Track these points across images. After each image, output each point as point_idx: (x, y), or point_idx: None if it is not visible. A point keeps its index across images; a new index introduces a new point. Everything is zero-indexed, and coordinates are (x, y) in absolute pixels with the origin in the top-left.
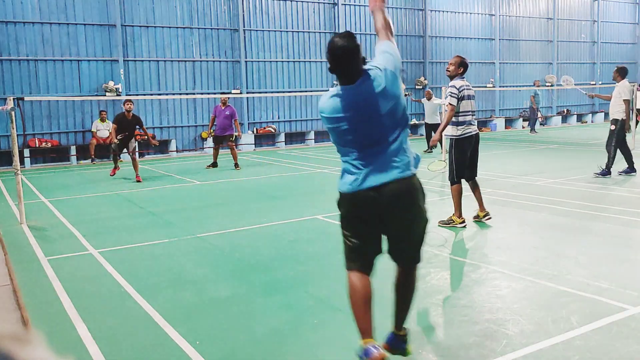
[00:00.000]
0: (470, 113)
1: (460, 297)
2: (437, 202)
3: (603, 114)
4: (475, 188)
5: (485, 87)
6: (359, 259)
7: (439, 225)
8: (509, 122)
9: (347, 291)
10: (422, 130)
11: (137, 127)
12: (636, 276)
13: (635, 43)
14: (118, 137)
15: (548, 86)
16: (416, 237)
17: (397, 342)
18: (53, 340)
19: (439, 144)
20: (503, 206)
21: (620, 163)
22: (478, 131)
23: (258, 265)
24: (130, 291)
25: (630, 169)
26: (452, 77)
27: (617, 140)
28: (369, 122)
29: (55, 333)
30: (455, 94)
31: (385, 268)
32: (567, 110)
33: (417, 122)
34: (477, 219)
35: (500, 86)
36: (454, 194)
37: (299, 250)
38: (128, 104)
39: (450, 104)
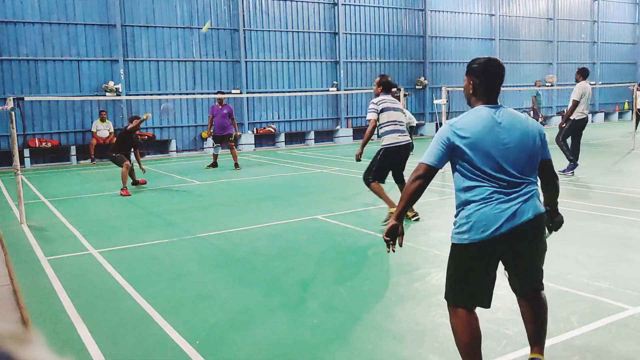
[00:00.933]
0: (393, 123)
1: None
2: (438, 202)
3: (603, 114)
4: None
5: None
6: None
7: (382, 225)
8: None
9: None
10: (423, 131)
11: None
12: (636, 276)
13: (635, 43)
14: (116, 150)
15: (548, 86)
16: None
17: None
18: (53, 340)
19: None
20: None
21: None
22: (410, 141)
23: (258, 265)
24: (130, 291)
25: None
26: (377, 96)
27: (572, 136)
28: None
29: (55, 333)
30: (374, 109)
31: None
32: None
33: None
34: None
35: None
36: (376, 191)
37: (299, 250)
38: (136, 121)
39: (369, 119)
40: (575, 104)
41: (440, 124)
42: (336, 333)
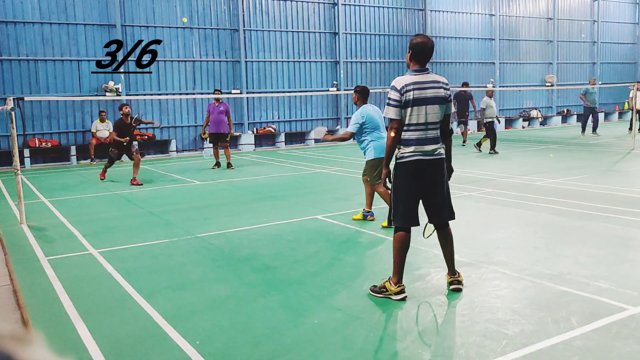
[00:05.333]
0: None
1: (460, 297)
2: None
3: (603, 114)
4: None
5: (485, 87)
6: None
7: None
8: (508, 122)
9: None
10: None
11: (138, 127)
12: (636, 276)
13: (635, 43)
14: (117, 145)
15: (548, 86)
16: None
17: None
18: (53, 340)
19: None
20: (503, 206)
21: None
22: None
23: (258, 265)
24: (130, 291)
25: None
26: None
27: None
28: None
29: (55, 333)
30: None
31: None
32: (567, 110)
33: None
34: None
35: (500, 86)
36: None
37: (299, 250)
38: (125, 108)
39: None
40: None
41: None
42: (336, 333)
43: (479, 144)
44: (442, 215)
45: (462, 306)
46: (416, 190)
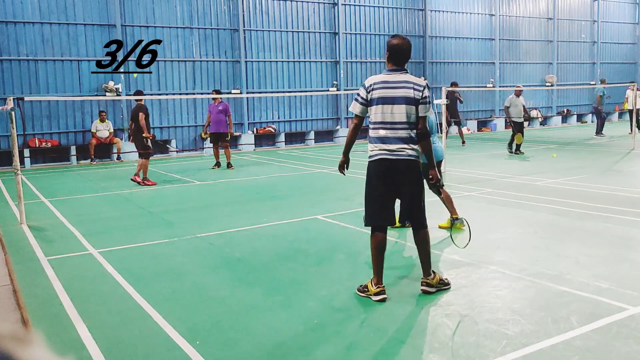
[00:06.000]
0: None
1: (460, 297)
2: (438, 202)
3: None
4: None
5: (485, 87)
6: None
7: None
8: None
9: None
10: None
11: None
12: (636, 276)
13: (635, 43)
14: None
15: (548, 86)
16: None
17: None
18: (53, 340)
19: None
20: (503, 206)
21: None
22: None
23: (258, 265)
24: (130, 291)
25: None
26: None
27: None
28: None
29: (55, 333)
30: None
31: None
32: (567, 110)
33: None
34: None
35: (500, 86)
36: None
37: (299, 250)
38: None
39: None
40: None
41: (441, 124)
42: (336, 333)
43: (510, 145)
44: (412, 218)
45: (462, 306)
46: (385, 189)
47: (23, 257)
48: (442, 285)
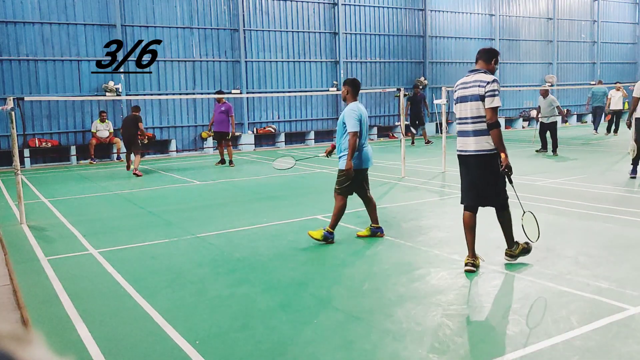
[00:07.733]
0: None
1: (460, 297)
2: (438, 202)
3: (603, 114)
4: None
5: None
6: None
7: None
8: (508, 122)
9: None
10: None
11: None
12: (636, 276)
13: (635, 43)
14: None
15: (548, 86)
16: None
17: None
18: (53, 340)
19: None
20: None
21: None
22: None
23: (258, 265)
24: (130, 291)
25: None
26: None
27: None
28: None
29: (55, 333)
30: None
31: None
32: (567, 110)
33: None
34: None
35: (500, 86)
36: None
37: (299, 250)
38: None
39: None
40: (636, 101)
41: (441, 124)
42: (336, 333)
43: (553, 149)
44: (489, 203)
45: (462, 306)
46: (462, 176)
47: (23, 257)
48: (524, 253)
